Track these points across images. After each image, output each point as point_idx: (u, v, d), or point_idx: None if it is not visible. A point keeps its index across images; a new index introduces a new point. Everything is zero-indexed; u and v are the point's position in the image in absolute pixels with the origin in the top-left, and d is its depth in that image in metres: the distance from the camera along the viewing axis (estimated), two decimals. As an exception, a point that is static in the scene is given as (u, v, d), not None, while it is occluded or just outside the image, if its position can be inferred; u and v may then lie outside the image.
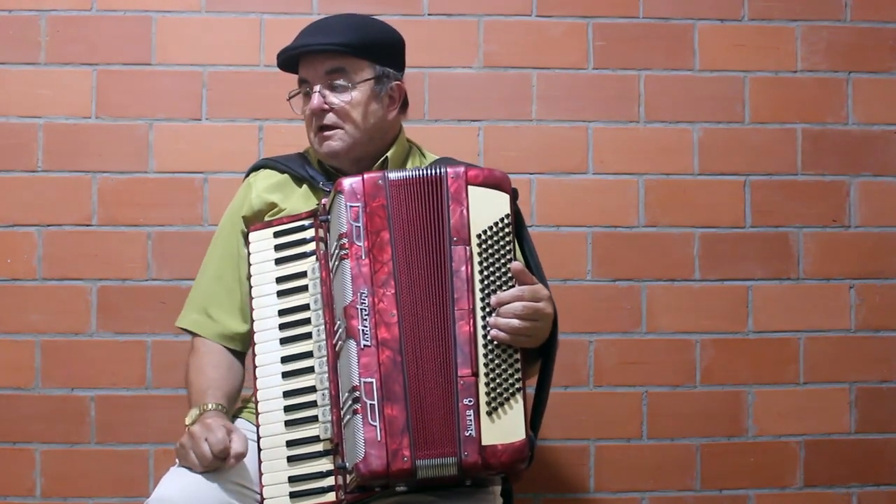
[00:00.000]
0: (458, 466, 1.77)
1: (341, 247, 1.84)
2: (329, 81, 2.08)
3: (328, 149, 2.09)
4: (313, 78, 2.09)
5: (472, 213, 1.84)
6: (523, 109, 2.66)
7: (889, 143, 2.71)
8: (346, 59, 2.08)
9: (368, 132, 2.11)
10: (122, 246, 2.59)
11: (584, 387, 2.64)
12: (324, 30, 2.12)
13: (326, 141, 2.09)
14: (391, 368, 1.79)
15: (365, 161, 2.12)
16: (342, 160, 2.11)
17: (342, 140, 2.09)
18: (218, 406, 1.96)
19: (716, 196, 2.68)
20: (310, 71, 2.10)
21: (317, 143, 2.11)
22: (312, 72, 2.10)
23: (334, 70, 2.08)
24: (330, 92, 2.08)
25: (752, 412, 2.66)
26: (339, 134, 2.08)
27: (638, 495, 2.64)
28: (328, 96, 2.08)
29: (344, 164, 2.12)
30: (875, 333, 2.69)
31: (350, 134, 2.09)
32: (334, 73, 2.08)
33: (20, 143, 2.59)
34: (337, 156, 2.10)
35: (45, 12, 2.61)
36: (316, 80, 2.09)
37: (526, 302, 1.82)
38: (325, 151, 2.10)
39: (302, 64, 2.12)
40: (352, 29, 2.11)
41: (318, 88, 2.08)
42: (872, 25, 2.71)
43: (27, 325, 2.57)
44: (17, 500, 2.54)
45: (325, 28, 2.13)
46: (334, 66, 2.08)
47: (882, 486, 2.68)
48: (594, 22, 2.68)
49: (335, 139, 2.08)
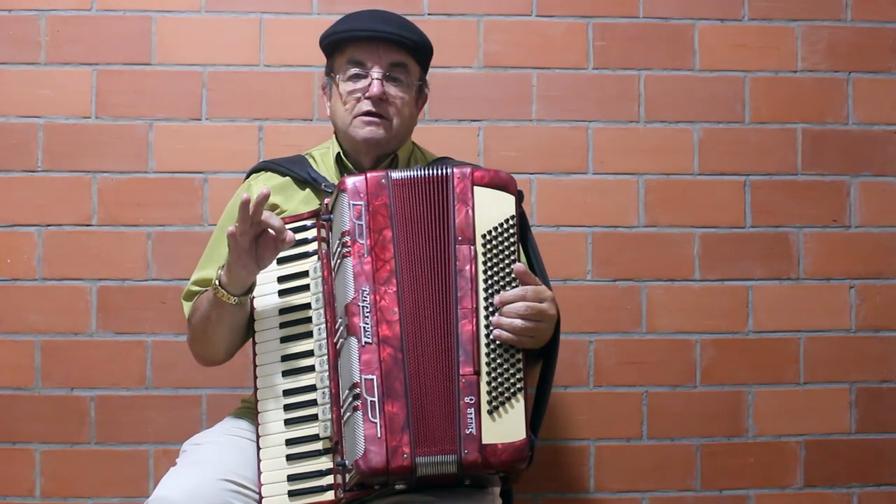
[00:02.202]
0: (458, 464, 1.77)
1: (343, 245, 1.84)
2: (390, 73, 2.09)
3: (372, 134, 2.09)
4: (374, 63, 2.09)
5: (478, 214, 1.84)
6: (523, 109, 2.66)
7: (889, 143, 2.71)
8: (408, 57, 2.12)
9: (403, 133, 2.14)
10: (122, 246, 2.59)
11: (584, 387, 2.64)
12: (391, 21, 2.13)
13: (372, 126, 2.09)
14: (392, 365, 1.79)
15: (382, 158, 2.14)
16: (373, 152, 2.12)
17: (388, 131, 2.10)
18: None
19: (716, 196, 2.67)
20: (372, 56, 2.09)
21: (359, 127, 2.10)
22: (375, 57, 2.09)
23: (399, 64, 2.10)
24: (389, 83, 2.09)
25: (752, 412, 2.66)
26: (387, 125, 2.10)
27: (638, 495, 2.64)
28: (387, 87, 2.08)
29: (370, 155, 2.13)
30: (875, 333, 2.69)
31: (395, 128, 2.11)
32: (398, 68, 2.10)
33: (20, 143, 2.59)
34: (377, 144, 2.11)
35: (45, 12, 2.61)
36: (377, 66, 2.09)
37: (529, 302, 1.82)
38: (366, 136, 2.09)
39: (359, 46, 2.11)
40: (413, 30, 2.14)
41: (380, 75, 2.08)
42: (872, 25, 2.71)
43: (27, 325, 2.57)
44: (17, 500, 2.53)
45: (391, 20, 2.13)
46: (400, 59, 2.10)
47: (882, 486, 2.68)
48: (594, 22, 2.68)
49: (383, 128, 2.09)
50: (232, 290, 1.93)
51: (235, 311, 1.97)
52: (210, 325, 2.01)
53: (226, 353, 2.10)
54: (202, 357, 2.14)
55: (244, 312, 2.01)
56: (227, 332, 2.03)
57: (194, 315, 2.07)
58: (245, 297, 1.96)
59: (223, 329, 2.01)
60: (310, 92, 2.59)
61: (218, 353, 2.09)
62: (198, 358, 2.15)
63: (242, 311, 1.99)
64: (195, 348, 2.13)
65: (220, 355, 2.10)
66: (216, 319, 1.99)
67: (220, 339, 2.04)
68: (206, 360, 2.14)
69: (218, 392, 2.57)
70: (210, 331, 2.02)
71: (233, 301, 1.94)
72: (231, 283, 1.93)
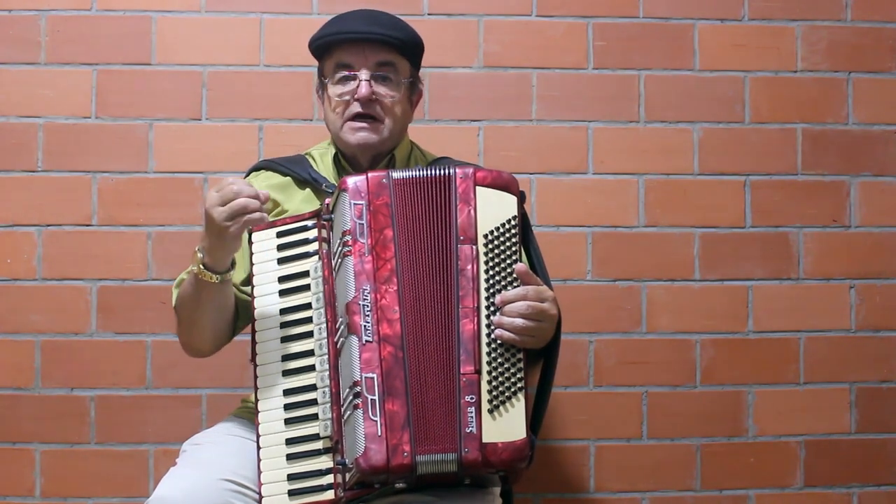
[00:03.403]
0: (459, 463, 1.77)
1: (344, 244, 1.84)
2: (377, 73, 2.08)
3: (363, 139, 2.09)
4: (361, 65, 2.08)
5: (480, 214, 1.84)
6: (523, 109, 2.66)
7: (889, 143, 2.71)
8: (396, 56, 2.11)
9: (397, 131, 2.13)
10: (122, 246, 2.59)
11: (584, 387, 2.64)
12: (376, 21, 2.12)
13: (363, 131, 2.09)
14: (393, 364, 1.78)
15: (379, 158, 2.14)
16: (368, 153, 2.12)
17: (380, 133, 2.10)
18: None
19: (716, 196, 2.68)
20: (358, 57, 2.09)
21: (349, 132, 2.10)
22: (362, 59, 2.09)
23: (386, 63, 2.10)
24: (377, 83, 2.08)
25: (752, 412, 2.66)
26: (379, 126, 2.09)
27: (638, 495, 2.64)
28: (376, 87, 2.08)
29: (366, 156, 2.13)
30: (875, 333, 2.69)
31: (388, 129, 2.10)
32: (385, 67, 2.10)
33: (20, 143, 2.59)
34: (371, 147, 2.10)
35: (45, 12, 2.61)
36: (364, 67, 2.08)
37: (530, 302, 1.82)
38: (359, 141, 2.09)
39: (345, 49, 2.10)
40: (400, 27, 2.13)
41: (367, 76, 2.08)
42: (872, 25, 2.71)
43: (27, 325, 2.57)
44: (17, 500, 2.53)
45: (376, 19, 2.13)
46: (387, 59, 2.10)
47: (882, 486, 2.68)
48: (594, 22, 2.68)
49: (374, 131, 2.09)
50: (215, 268, 1.94)
51: (219, 291, 1.97)
52: (195, 308, 2.00)
53: (213, 341, 2.09)
54: (190, 346, 2.12)
55: (228, 292, 2.01)
56: (213, 314, 2.02)
57: (180, 301, 2.06)
58: (227, 274, 1.96)
59: (209, 311, 2.00)
60: (310, 92, 2.59)
61: (205, 337, 2.07)
62: (186, 347, 2.13)
63: (226, 290, 1.99)
64: (183, 336, 2.11)
65: (208, 342, 2.08)
66: (202, 301, 1.99)
67: (207, 322, 2.03)
68: (193, 348, 2.12)
69: (218, 392, 2.57)
70: (196, 315, 2.02)
71: (216, 279, 1.94)
72: (214, 263, 1.93)
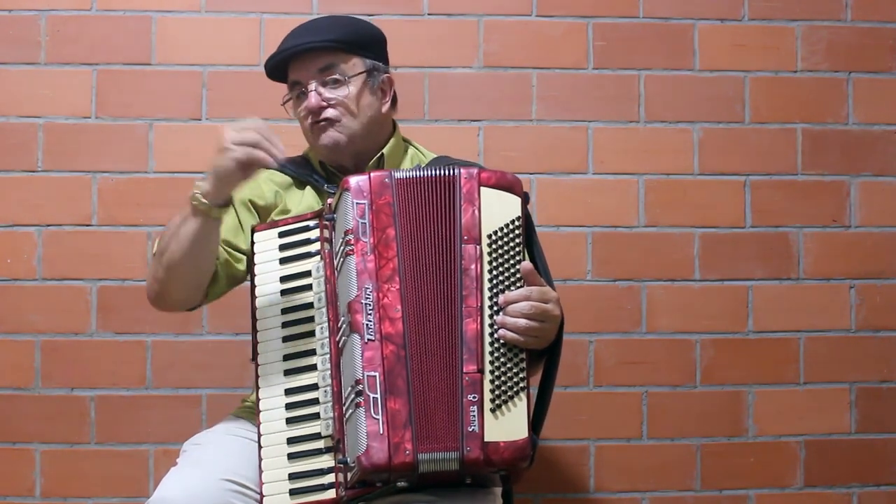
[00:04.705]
0: (460, 461, 1.77)
1: (346, 243, 1.84)
2: (322, 79, 2.09)
3: (329, 140, 2.09)
4: (306, 77, 2.10)
5: (484, 214, 1.84)
6: (523, 109, 2.67)
7: (889, 143, 2.72)
8: (337, 55, 2.10)
9: (366, 125, 2.12)
10: (122, 246, 2.59)
11: (584, 387, 2.64)
12: (310, 30, 2.14)
13: (326, 132, 2.09)
14: (395, 363, 1.78)
15: (364, 157, 2.13)
16: (343, 154, 2.11)
17: (341, 132, 2.09)
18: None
19: (716, 196, 2.68)
20: (301, 71, 2.11)
21: (315, 138, 2.11)
22: (304, 72, 2.11)
23: (327, 67, 2.10)
24: (325, 88, 2.09)
25: (752, 412, 2.66)
26: (338, 126, 2.09)
27: (638, 495, 2.64)
28: (324, 93, 2.09)
29: (345, 158, 2.12)
30: (875, 333, 2.69)
31: (349, 126, 2.10)
32: (327, 70, 2.10)
33: (20, 143, 2.59)
34: (338, 147, 2.10)
35: (45, 12, 2.61)
36: (309, 79, 2.10)
37: (534, 302, 1.82)
38: (325, 143, 2.10)
39: (292, 67, 2.13)
40: (338, 26, 2.14)
41: (314, 87, 2.09)
42: (872, 25, 2.72)
43: (27, 325, 2.56)
44: (17, 500, 2.53)
45: (311, 29, 2.15)
46: (327, 63, 2.10)
47: (882, 486, 2.68)
48: (594, 22, 2.68)
49: (336, 129, 2.09)
50: (208, 195, 1.91)
51: (205, 227, 1.94)
52: (177, 243, 1.95)
53: (186, 289, 2.04)
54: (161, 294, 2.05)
55: (214, 236, 1.98)
56: (194, 252, 1.96)
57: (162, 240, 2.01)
58: (218, 210, 1.93)
59: (190, 249, 1.95)
60: (310, 92, 2.60)
61: (179, 284, 2.02)
62: (156, 296, 2.07)
63: (212, 231, 1.96)
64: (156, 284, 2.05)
65: (181, 290, 2.03)
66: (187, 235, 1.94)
67: (186, 262, 1.97)
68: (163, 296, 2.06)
69: (218, 392, 2.57)
70: (176, 249, 1.96)
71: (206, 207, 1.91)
72: (209, 189, 1.91)
